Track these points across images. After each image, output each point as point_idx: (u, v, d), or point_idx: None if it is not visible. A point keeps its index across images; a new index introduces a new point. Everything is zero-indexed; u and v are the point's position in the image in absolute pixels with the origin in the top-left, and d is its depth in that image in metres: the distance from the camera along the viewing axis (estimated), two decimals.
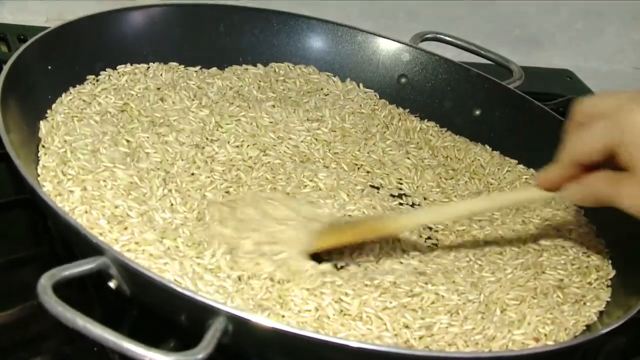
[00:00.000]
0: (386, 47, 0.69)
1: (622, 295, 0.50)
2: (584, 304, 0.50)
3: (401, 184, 0.59)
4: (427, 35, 0.70)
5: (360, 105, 0.65)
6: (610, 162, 0.47)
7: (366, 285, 0.47)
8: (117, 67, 0.61)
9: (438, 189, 0.59)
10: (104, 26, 0.61)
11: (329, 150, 0.60)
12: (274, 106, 0.61)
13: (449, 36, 0.70)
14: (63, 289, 0.38)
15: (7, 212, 0.51)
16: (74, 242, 0.45)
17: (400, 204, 0.57)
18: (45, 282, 0.37)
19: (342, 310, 0.45)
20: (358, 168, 0.60)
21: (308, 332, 0.42)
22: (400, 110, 0.67)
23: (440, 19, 0.78)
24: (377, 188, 0.57)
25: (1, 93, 0.49)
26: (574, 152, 0.49)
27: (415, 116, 0.67)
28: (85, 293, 0.43)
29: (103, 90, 0.59)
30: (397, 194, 0.58)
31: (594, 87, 0.84)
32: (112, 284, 0.41)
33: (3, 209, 0.51)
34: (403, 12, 0.80)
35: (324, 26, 0.69)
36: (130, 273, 0.40)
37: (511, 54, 0.72)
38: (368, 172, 0.59)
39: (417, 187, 0.59)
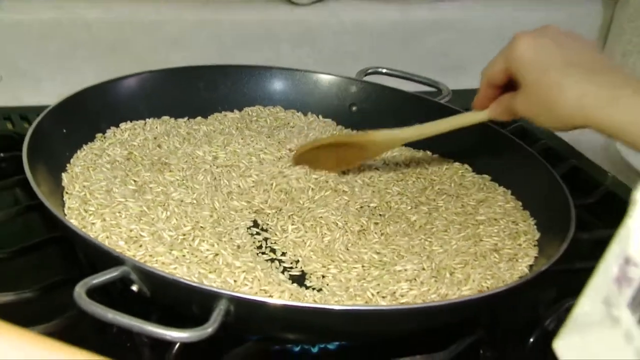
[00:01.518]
0: (337, 83, 0.71)
1: (547, 251, 0.53)
2: (517, 260, 0.53)
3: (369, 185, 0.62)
4: (369, 70, 0.72)
5: (322, 132, 0.67)
6: None
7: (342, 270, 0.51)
8: (120, 125, 0.63)
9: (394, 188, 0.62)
10: (105, 93, 0.63)
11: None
12: (252, 139, 0.65)
13: (386, 68, 0.72)
14: (94, 297, 0.42)
15: (43, 248, 0.54)
16: (98, 261, 0.48)
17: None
18: (79, 289, 0.40)
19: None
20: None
21: (297, 303, 0.45)
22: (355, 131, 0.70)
23: (379, 57, 0.81)
24: (346, 191, 0.60)
25: (27, 155, 0.52)
26: (486, 77, 0.56)
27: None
28: (111, 299, 0.46)
29: (110, 145, 0.61)
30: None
31: None
32: (134, 288, 0.44)
33: (39, 246, 0.54)
34: (348, 55, 0.82)
35: (285, 73, 0.71)
36: (146, 275, 0.43)
37: (440, 79, 0.76)
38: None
39: (382, 187, 0.62)
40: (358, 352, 0.50)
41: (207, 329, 0.39)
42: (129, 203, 0.53)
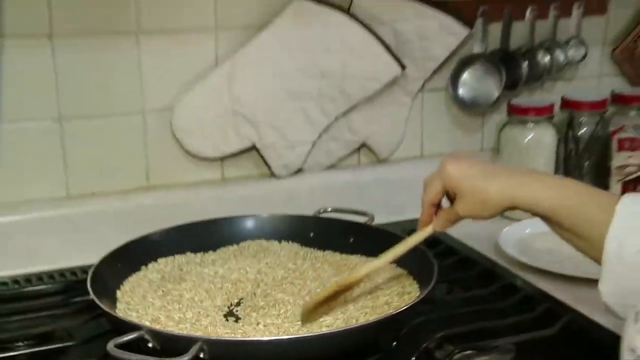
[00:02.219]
0: (301, 219, 0.95)
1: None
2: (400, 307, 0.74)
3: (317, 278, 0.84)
4: (321, 210, 0.97)
5: (290, 251, 0.91)
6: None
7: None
8: (158, 260, 0.89)
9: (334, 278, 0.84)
10: (142, 242, 0.88)
11: (277, 273, 0.86)
12: (243, 261, 0.89)
13: (331, 207, 0.97)
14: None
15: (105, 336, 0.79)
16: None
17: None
18: (110, 345, 0.63)
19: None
20: (292, 272, 0.86)
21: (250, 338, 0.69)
22: (312, 249, 0.93)
23: (329, 199, 1.02)
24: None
25: (91, 285, 0.75)
26: (428, 200, 0.73)
27: (321, 250, 0.92)
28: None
29: (150, 272, 0.86)
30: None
31: None
32: (149, 344, 0.68)
33: (103, 335, 0.78)
34: (315, 204, 1.00)
35: (268, 217, 0.96)
36: (154, 334, 0.66)
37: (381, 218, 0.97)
38: (301, 274, 0.85)
39: (326, 279, 0.84)
40: None
41: (184, 358, 0.62)
42: (155, 302, 0.78)
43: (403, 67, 1.06)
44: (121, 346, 0.64)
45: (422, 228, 0.75)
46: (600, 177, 1.14)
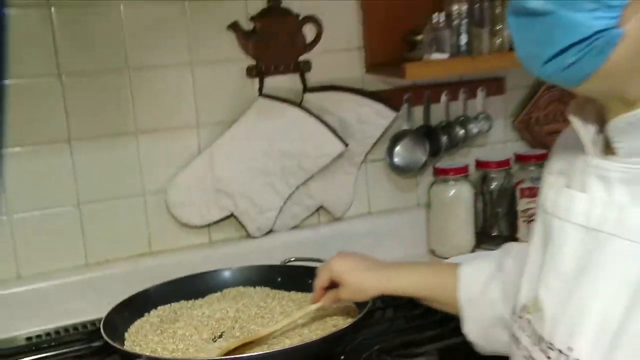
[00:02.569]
0: (271, 267, 1.16)
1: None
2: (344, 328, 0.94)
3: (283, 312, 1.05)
4: (286, 260, 1.18)
5: (262, 293, 1.12)
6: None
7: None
8: (158, 307, 1.09)
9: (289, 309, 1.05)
10: (144, 294, 1.09)
11: (251, 311, 1.05)
12: (225, 303, 1.10)
13: (295, 257, 1.18)
14: None
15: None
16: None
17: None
18: None
19: None
20: (263, 309, 1.05)
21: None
22: (280, 290, 1.12)
23: (296, 251, 1.23)
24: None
25: (104, 331, 0.95)
26: (319, 284, 0.93)
27: (287, 291, 1.12)
28: None
29: (152, 317, 1.06)
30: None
31: None
32: None
33: None
34: (282, 256, 1.24)
35: (248, 268, 1.16)
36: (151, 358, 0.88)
37: None
38: (270, 310, 1.04)
39: (289, 312, 1.03)
40: None
41: None
42: (154, 338, 0.98)
43: (346, 145, 1.28)
44: None
45: (314, 302, 0.95)
46: (510, 220, 1.35)
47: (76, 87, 1.17)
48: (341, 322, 0.98)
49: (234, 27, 1.25)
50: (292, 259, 1.19)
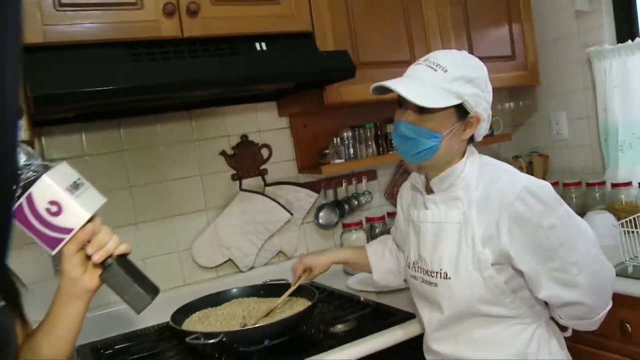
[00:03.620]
0: (255, 286, 1.85)
1: None
2: (306, 308, 1.69)
3: (267, 309, 1.78)
4: (266, 280, 1.86)
5: (253, 301, 1.84)
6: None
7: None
8: (195, 312, 1.81)
9: (271, 304, 1.79)
10: (185, 307, 1.79)
11: (250, 309, 1.77)
12: (235, 306, 1.82)
13: (269, 279, 1.94)
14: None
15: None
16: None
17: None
18: (187, 339, 1.57)
19: None
20: (254, 308, 1.74)
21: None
22: (263, 298, 1.77)
23: (270, 276, 2.00)
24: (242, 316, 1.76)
25: (172, 322, 1.69)
26: (296, 272, 1.56)
27: (267, 297, 1.84)
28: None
29: (194, 317, 1.77)
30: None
31: None
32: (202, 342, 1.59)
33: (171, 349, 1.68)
34: (258, 278, 1.99)
35: (240, 288, 1.90)
36: (203, 333, 1.59)
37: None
38: (259, 308, 1.73)
39: (267, 308, 1.77)
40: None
41: (214, 339, 1.54)
42: (198, 327, 1.66)
43: (291, 214, 2.04)
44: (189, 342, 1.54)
45: (293, 284, 1.51)
46: None
47: (138, 192, 1.88)
48: (302, 308, 1.71)
49: (223, 153, 2.01)
50: (268, 281, 1.88)
